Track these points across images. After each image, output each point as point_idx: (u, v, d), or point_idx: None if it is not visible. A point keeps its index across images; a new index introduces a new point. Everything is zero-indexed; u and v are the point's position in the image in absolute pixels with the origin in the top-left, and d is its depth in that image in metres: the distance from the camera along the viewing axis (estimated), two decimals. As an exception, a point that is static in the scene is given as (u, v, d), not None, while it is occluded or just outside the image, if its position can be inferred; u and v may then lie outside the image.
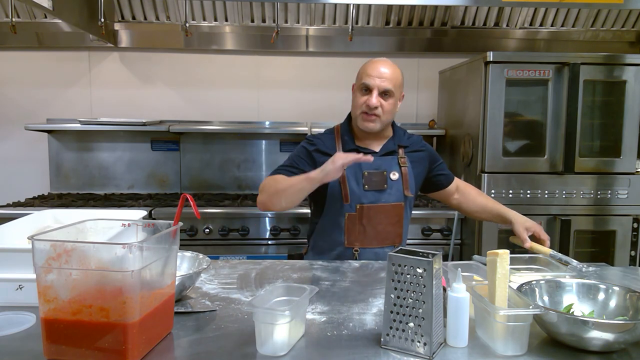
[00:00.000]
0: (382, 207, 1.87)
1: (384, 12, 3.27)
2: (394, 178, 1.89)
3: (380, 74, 1.83)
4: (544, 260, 1.59)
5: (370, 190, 1.87)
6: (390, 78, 1.83)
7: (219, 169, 3.41)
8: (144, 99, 3.42)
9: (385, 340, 1.07)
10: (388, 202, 1.88)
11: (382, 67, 1.84)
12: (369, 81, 1.83)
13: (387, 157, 1.91)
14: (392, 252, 1.06)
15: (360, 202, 1.86)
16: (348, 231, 1.87)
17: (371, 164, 1.84)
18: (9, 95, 3.39)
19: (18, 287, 1.25)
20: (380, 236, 1.88)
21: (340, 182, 1.87)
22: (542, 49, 3.41)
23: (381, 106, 1.83)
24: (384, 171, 1.89)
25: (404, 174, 1.91)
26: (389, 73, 1.84)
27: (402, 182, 1.90)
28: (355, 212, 1.86)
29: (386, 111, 1.85)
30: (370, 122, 1.86)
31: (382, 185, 1.88)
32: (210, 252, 2.69)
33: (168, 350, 1.06)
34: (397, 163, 1.92)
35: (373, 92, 1.82)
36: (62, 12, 2.58)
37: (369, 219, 1.86)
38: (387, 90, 1.82)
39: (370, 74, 1.84)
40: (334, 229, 1.89)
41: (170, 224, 1.12)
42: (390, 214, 1.88)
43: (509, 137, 2.65)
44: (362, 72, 1.89)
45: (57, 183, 3.37)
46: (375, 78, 1.82)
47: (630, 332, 1.01)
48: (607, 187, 2.67)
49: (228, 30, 3.32)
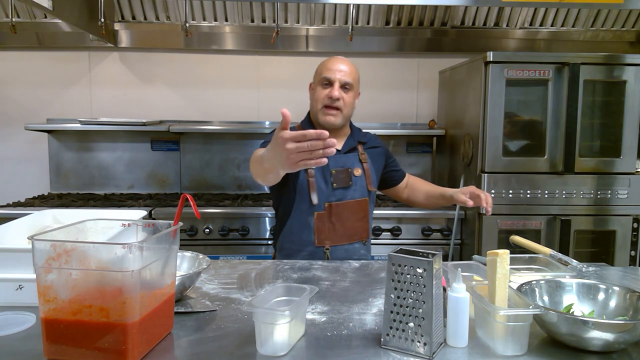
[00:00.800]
0: (348, 204, 1.91)
1: (384, 12, 3.27)
2: (357, 174, 1.94)
3: (340, 68, 1.89)
4: (544, 260, 1.59)
5: (338, 188, 1.91)
6: (350, 72, 1.90)
7: (219, 169, 3.41)
8: (144, 99, 3.42)
9: (385, 340, 1.07)
10: (354, 198, 1.92)
11: (341, 63, 1.91)
12: (330, 75, 1.88)
13: (349, 154, 1.96)
14: (392, 252, 1.06)
15: (328, 200, 1.89)
16: (318, 230, 1.88)
17: (337, 162, 1.90)
18: (9, 95, 3.39)
19: (18, 287, 1.25)
20: (349, 232, 1.91)
21: (309, 182, 1.88)
22: (542, 49, 3.41)
23: (342, 99, 1.88)
24: (348, 168, 1.93)
25: (366, 170, 1.96)
26: (348, 67, 1.91)
27: (365, 178, 1.95)
28: (324, 211, 1.88)
29: (347, 104, 1.90)
30: (332, 115, 1.89)
31: (348, 182, 1.92)
32: (210, 252, 2.69)
33: (168, 350, 1.06)
34: (358, 159, 1.97)
35: (335, 85, 1.87)
36: (62, 12, 2.58)
37: (337, 217, 1.89)
38: (348, 83, 1.88)
39: (331, 68, 1.89)
40: (303, 229, 1.90)
41: (170, 224, 1.12)
42: (357, 210, 1.92)
43: (509, 137, 2.65)
44: (321, 68, 1.94)
45: (57, 183, 3.37)
46: (336, 72, 1.88)
47: (630, 332, 1.01)
48: (607, 187, 2.67)
49: (228, 30, 3.32)
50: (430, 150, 3.49)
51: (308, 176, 1.89)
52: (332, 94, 1.86)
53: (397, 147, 3.47)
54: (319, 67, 1.96)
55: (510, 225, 2.65)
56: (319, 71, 1.95)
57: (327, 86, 1.89)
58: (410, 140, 3.46)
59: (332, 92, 1.86)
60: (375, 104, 3.49)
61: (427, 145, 3.49)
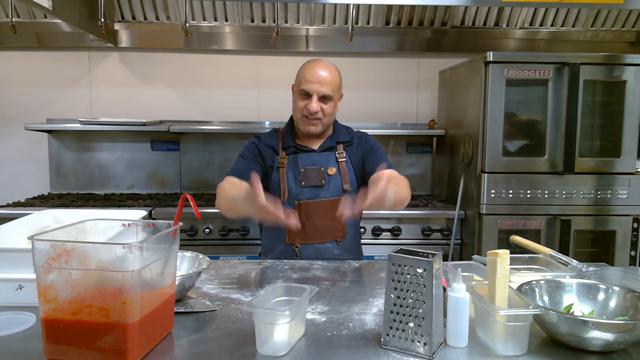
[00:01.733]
0: (320, 203, 1.88)
1: (384, 12, 3.27)
2: (331, 173, 1.92)
3: (318, 79, 1.84)
4: (544, 260, 1.59)
5: (308, 186, 1.89)
6: (329, 82, 1.85)
7: (219, 169, 3.41)
8: (144, 99, 3.42)
9: (385, 340, 1.07)
10: (327, 197, 1.89)
11: (320, 71, 1.86)
12: (307, 87, 1.85)
13: (324, 153, 1.95)
14: (392, 252, 1.06)
15: (298, 198, 1.88)
16: (288, 228, 1.86)
17: (308, 160, 1.91)
18: (9, 95, 3.39)
19: (18, 287, 1.25)
20: (319, 232, 1.89)
21: (279, 180, 1.90)
22: (542, 49, 3.41)
23: (321, 110, 1.86)
24: (321, 167, 1.92)
25: (341, 169, 1.93)
26: (328, 77, 1.85)
27: (340, 177, 1.92)
28: (294, 209, 1.87)
29: (327, 114, 1.88)
30: (312, 125, 1.89)
31: (320, 181, 1.90)
32: (210, 252, 2.69)
33: (168, 350, 1.06)
34: (334, 158, 1.95)
35: (313, 98, 1.85)
36: (62, 12, 2.58)
37: (307, 215, 1.87)
38: (326, 95, 1.85)
39: (309, 79, 1.85)
40: (275, 226, 1.89)
41: (170, 224, 1.12)
42: (330, 209, 1.87)
43: (509, 137, 2.65)
44: (300, 76, 1.90)
45: (57, 183, 3.37)
46: (314, 84, 1.84)
47: (630, 332, 1.01)
48: (607, 187, 2.67)
49: (228, 30, 3.32)
50: (430, 150, 3.49)
51: (279, 175, 1.91)
52: (310, 108, 1.85)
53: (397, 147, 3.47)
54: (299, 73, 1.92)
55: (510, 225, 2.65)
56: (298, 78, 1.91)
57: (305, 98, 1.87)
58: (410, 140, 3.46)
59: (310, 106, 1.85)
60: (375, 104, 3.49)
61: (427, 145, 3.49)
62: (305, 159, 1.92)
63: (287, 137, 1.97)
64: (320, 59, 1.95)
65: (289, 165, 1.92)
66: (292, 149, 1.95)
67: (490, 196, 2.64)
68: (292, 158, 1.93)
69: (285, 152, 1.95)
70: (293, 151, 1.95)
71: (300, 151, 1.95)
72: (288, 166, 1.92)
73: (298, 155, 1.94)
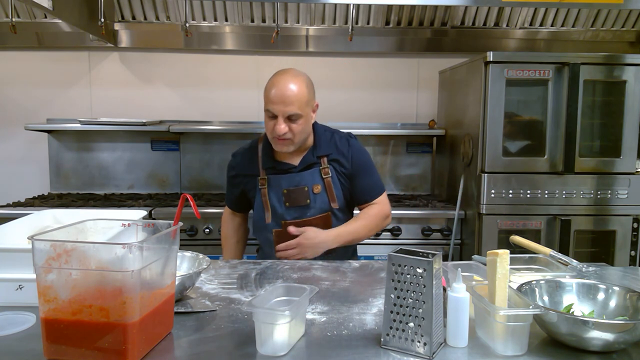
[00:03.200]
0: (307, 222, 1.83)
1: (384, 12, 3.27)
2: (316, 191, 1.84)
3: (282, 99, 1.73)
4: (544, 260, 1.59)
5: (293, 207, 1.83)
6: (294, 100, 1.73)
7: (219, 169, 3.41)
8: (144, 99, 3.42)
9: (385, 340, 1.07)
10: (313, 215, 1.85)
11: (283, 89, 1.73)
12: (272, 108, 1.75)
13: (307, 172, 1.86)
14: (392, 252, 1.06)
15: (283, 218, 1.85)
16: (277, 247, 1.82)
17: (291, 181, 1.83)
18: (9, 95, 3.39)
19: (18, 287, 1.25)
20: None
21: (262, 200, 1.86)
22: (542, 49, 3.41)
23: (291, 130, 1.76)
24: (304, 187, 1.84)
25: (327, 185, 1.85)
26: (292, 94, 1.73)
27: (327, 194, 1.85)
28: (282, 228, 1.84)
29: (297, 133, 1.77)
30: (284, 146, 1.80)
31: (305, 200, 1.83)
32: (210, 252, 2.67)
33: (168, 350, 1.06)
34: (319, 175, 1.86)
35: (279, 119, 1.74)
36: (62, 12, 2.58)
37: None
38: (293, 114, 1.74)
39: (272, 100, 1.74)
40: (267, 243, 1.91)
41: (170, 224, 1.12)
42: (317, 226, 1.82)
43: (509, 137, 2.65)
44: (265, 95, 1.79)
45: (57, 183, 3.37)
46: (278, 104, 1.73)
47: (630, 332, 1.01)
48: (607, 187, 2.67)
49: (228, 30, 3.32)
50: (430, 150, 3.49)
51: (261, 196, 1.86)
52: (277, 130, 1.75)
53: (397, 147, 3.47)
54: (265, 91, 1.80)
55: (510, 225, 2.65)
56: (264, 96, 1.80)
57: (272, 119, 1.77)
58: (410, 140, 3.46)
59: (277, 128, 1.75)
60: (375, 104, 3.49)
61: (427, 146, 3.49)
62: (287, 180, 1.85)
63: (265, 157, 1.90)
64: (288, 70, 1.82)
65: (270, 186, 1.86)
66: (271, 169, 1.88)
67: (490, 196, 2.63)
68: (274, 178, 1.86)
69: (266, 172, 1.89)
70: (273, 172, 1.88)
71: (280, 171, 1.87)
72: (270, 187, 1.86)
73: (280, 176, 1.86)
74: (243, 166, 1.94)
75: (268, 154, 1.90)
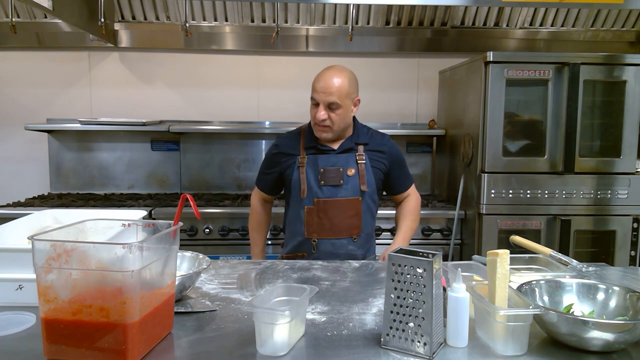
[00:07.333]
0: (338, 202, 1.98)
1: (384, 12, 3.27)
2: (350, 174, 1.99)
3: (325, 88, 1.91)
4: (544, 260, 1.59)
5: (327, 185, 1.99)
6: (335, 91, 1.90)
7: (219, 169, 3.41)
8: (144, 99, 3.42)
9: (385, 340, 1.07)
10: (345, 197, 1.99)
11: (327, 79, 1.92)
12: (315, 96, 1.94)
13: (343, 155, 2.02)
14: (392, 252, 1.06)
15: (317, 196, 1.98)
16: (307, 223, 1.99)
17: (328, 161, 1.99)
18: (9, 95, 3.39)
19: (18, 287, 1.25)
20: (336, 228, 1.98)
21: (299, 178, 2.00)
22: (542, 49, 3.41)
23: (329, 118, 1.93)
24: (339, 168, 2.00)
25: (360, 170, 2.00)
26: (334, 85, 1.91)
27: (359, 178, 1.99)
28: (313, 206, 1.99)
29: (335, 122, 1.94)
30: (323, 132, 1.98)
31: (339, 181, 1.99)
32: (210, 252, 2.68)
33: (168, 350, 1.06)
34: (354, 160, 2.02)
35: (320, 106, 1.92)
36: (62, 12, 2.58)
37: (325, 212, 1.97)
38: (333, 103, 1.90)
39: (316, 89, 1.94)
40: (297, 220, 2.03)
41: (170, 224, 1.12)
42: (346, 208, 1.99)
43: (509, 137, 2.65)
44: (313, 83, 1.97)
45: (57, 183, 3.37)
46: (320, 93, 1.92)
47: (630, 332, 1.01)
48: (607, 187, 2.67)
49: (228, 30, 3.32)
50: (430, 150, 3.49)
51: (299, 173, 2.00)
52: (317, 116, 1.93)
53: (397, 147, 3.47)
54: (314, 80, 1.98)
55: (510, 225, 2.65)
56: (312, 85, 1.98)
57: (315, 106, 1.95)
58: (410, 140, 3.46)
59: (318, 115, 1.92)
60: (375, 104, 3.49)
61: (427, 145, 3.49)
62: (324, 160, 2.00)
63: (308, 138, 2.05)
64: (335, 65, 2.00)
65: (308, 164, 2.01)
66: (312, 149, 2.03)
67: (490, 196, 2.64)
68: (312, 158, 2.02)
69: (306, 152, 2.04)
70: (313, 152, 2.03)
71: (321, 152, 2.02)
72: (308, 166, 2.01)
73: (318, 156, 2.02)
74: (286, 146, 2.08)
75: (311, 137, 2.04)
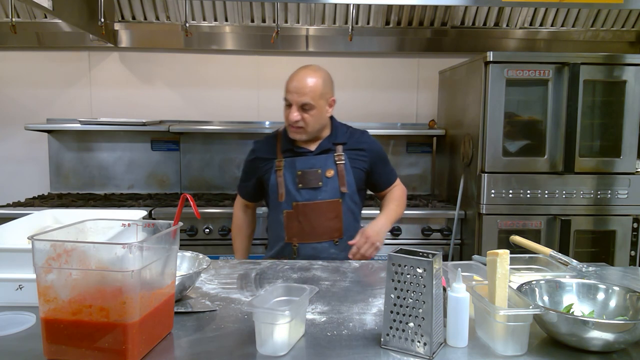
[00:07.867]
0: (317, 205, 1.95)
1: (384, 12, 3.27)
2: (329, 175, 1.96)
3: (297, 89, 1.88)
4: (544, 260, 1.59)
5: (305, 188, 1.95)
6: (308, 91, 1.87)
7: (219, 169, 3.41)
8: (144, 99, 3.42)
9: (385, 340, 1.07)
10: (324, 199, 1.95)
11: (301, 79, 1.90)
12: (288, 96, 1.92)
13: (321, 156, 1.98)
14: (392, 252, 1.06)
15: (295, 200, 1.95)
16: (287, 227, 1.97)
17: (305, 163, 1.95)
18: (9, 95, 3.39)
19: (18, 287, 1.25)
20: (317, 232, 1.95)
21: (277, 182, 1.96)
22: (542, 49, 3.41)
23: (303, 119, 1.90)
24: (318, 169, 1.96)
25: (339, 171, 1.97)
26: (308, 86, 1.88)
27: (338, 179, 1.96)
28: (292, 210, 1.96)
29: (309, 123, 1.91)
30: (297, 133, 1.95)
31: (317, 183, 1.95)
32: (210, 252, 2.68)
33: (168, 350, 1.06)
34: (332, 160, 1.98)
35: (293, 107, 1.89)
36: (62, 12, 2.58)
37: (305, 216, 1.94)
38: (306, 103, 1.88)
39: (289, 89, 1.91)
40: (277, 225, 1.99)
41: (170, 224, 1.12)
42: (327, 211, 1.95)
43: (509, 137, 2.65)
44: (286, 84, 1.95)
45: (57, 183, 3.37)
46: (293, 93, 1.89)
47: (630, 332, 1.01)
48: (607, 187, 2.66)
49: (228, 30, 3.32)
50: (430, 150, 3.49)
51: (277, 177, 1.97)
52: (290, 117, 1.90)
53: (397, 147, 3.47)
54: (287, 80, 1.95)
55: (510, 225, 2.65)
56: (285, 85, 1.95)
57: (288, 107, 1.92)
58: (410, 140, 3.46)
59: (290, 116, 1.90)
60: (375, 104, 3.49)
61: (427, 145, 3.49)
62: (302, 162, 1.97)
63: (284, 141, 2.03)
64: (309, 65, 1.97)
65: (286, 168, 1.97)
66: (289, 152, 2.00)
67: (490, 196, 2.64)
68: (290, 161, 1.98)
69: (283, 155, 2.00)
70: (290, 155, 2.00)
71: (298, 154, 1.99)
72: (286, 169, 1.97)
73: (295, 158, 1.98)
74: (263, 151, 2.06)
75: (288, 139, 2.02)
